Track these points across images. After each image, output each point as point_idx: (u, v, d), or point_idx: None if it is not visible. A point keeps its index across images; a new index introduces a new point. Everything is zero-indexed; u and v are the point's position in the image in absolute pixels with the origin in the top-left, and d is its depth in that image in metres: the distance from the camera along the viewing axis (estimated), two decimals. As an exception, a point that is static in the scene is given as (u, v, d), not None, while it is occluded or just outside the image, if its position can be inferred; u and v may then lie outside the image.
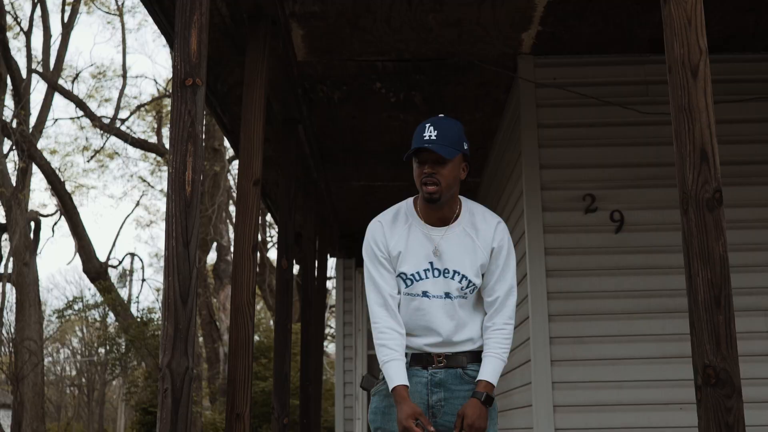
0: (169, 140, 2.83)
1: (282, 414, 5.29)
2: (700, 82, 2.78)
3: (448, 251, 2.97)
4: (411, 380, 2.95)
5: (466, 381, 2.98)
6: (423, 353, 2.99)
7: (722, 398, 2.56)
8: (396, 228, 3.03)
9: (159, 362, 2.85)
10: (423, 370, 2.98)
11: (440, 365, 2.97)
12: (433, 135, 2.89)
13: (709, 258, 2.66)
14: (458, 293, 2.98)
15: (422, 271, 2.98)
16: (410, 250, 2.99)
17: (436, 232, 2.99)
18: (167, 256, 2.76)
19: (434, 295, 2.97)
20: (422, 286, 2.98)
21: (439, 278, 2.97)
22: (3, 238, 24.82)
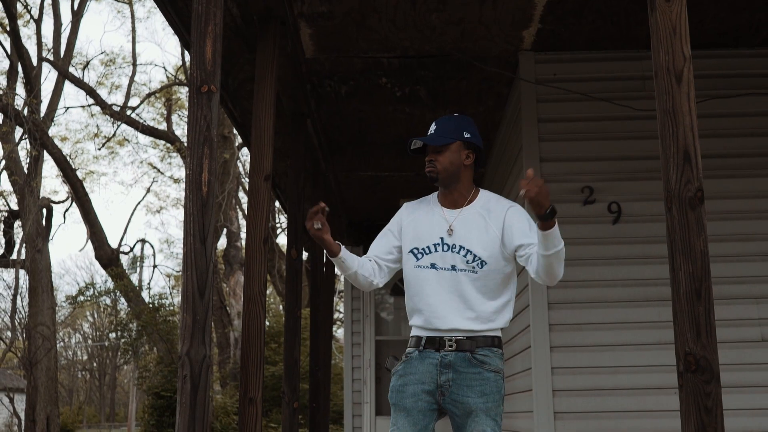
0: (186, 144, 3.03)
1: (292, 398, 5.50)
2: (683, 87, 2.95)
3: (459, 229, 3.28)
4: (424, 361, 3.22)
5: (474, 364, 3.18)
6: (436, 337, 3.23)
7: (702, 384, 2.76)
8: (417, 210, 3.44)
9: (178, 350, 3.07)
10: (435, 353, 3.22)
11: (450, 348, 3.20)
12: (432, 131, 3.38)
13: (691, 253, 2.84)
14: (464, 266, 3.23)
15: (432, 245, 3.29)
16: (425, 228, 3.33)
17: (450, 213, 3.33)
18: (186, 252, 2.96)
19: (441, 267, 3.25)
20: (431, 259, 3.27)
21: (447, 252, 3.26)
22: (16, 224, 25.11)
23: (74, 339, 61.48)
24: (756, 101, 5.38)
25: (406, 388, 3.26)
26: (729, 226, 5.29)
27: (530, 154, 5.41)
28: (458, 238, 3.26)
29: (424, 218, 3.36)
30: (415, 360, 3.27)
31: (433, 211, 3.37)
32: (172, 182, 41.16)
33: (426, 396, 3.21)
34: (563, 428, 5.03)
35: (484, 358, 3.20)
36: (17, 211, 23.58)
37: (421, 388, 3.22)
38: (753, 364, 5.10)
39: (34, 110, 20.91)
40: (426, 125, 6.62)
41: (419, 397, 3.22)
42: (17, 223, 25.18)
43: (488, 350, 3.22)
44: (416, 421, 3.22)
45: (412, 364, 3.27)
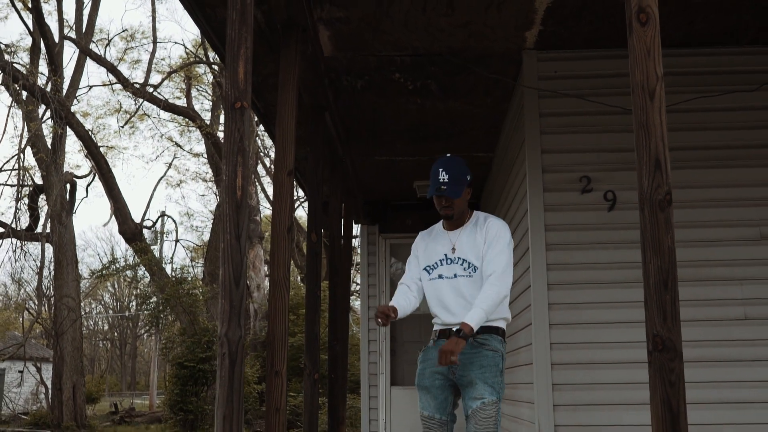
0: (223, 153, 3.49)
1: (313, 370, 5.99)
2: (656, 103, 3.38)
3: (459, 245, 4.20)
4: (436, 348, 4.07)
5: (475, 346, 4.02)
6: (446, 328, 4.11)
7: (667, 361, 3.21)
8: (428, 237, 4.41)
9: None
10: (445, 341, 3.98)
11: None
12: (445, 178, 4.13)
13: (660, 248, 3.27)
14: (463, 273, 4.14)
15: (438, 261, 4.24)
16: (433, 249, 4.29)
17: (453, 234, 4.26)
18: (223, 248, 3.43)
19: (446, 276, 4.18)
20: (438, 271, 4.22)
21: (450, 265, 4.19)
22: (40, 199, 25.69)
23: (95, 309, 62.43)
24: (740, 97, 5.77)
25: (425, 372, 4.19)
26: (716, 213, 5.70)
27: (532, 146, 5.83)
28: (459, 252, 4.17)
29: (433, 243, 4.32)
30: (430, 349, 4.20)
31: (439, 235, 4.33)
32: (191, 156, 41.74)
33: (440, 376, 4.11)
34: (560, 398, 5.50)
35: (484, 340, 4.04)
36: (41, 186, 24.15)
37: (435, 370, 4.12)
38: (737, 340, 5.54)
39: (58, 89, 21.38)
40: (436, 115, 7.13)
41: (435, 377, 4.13)
42: (41, 198, 25.78)
43: (488, 335, 4.05)
44: (435, 396, 4.14)
45: (429, 353, 4.20)
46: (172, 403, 17.76)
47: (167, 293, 18.56)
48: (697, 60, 5.91)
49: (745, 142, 5.78)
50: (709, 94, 5.77)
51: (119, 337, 66.93)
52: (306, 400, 6.07)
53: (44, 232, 24.27)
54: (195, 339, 17.75)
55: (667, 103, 5.58)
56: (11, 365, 27.04)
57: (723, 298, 5.59)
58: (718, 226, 5.67)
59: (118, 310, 63.96)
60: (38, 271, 26.43)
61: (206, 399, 17.69)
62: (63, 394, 24.78)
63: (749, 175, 5.73)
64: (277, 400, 4.53)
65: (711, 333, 5.57)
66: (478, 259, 4.11)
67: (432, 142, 8.08)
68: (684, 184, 5.69)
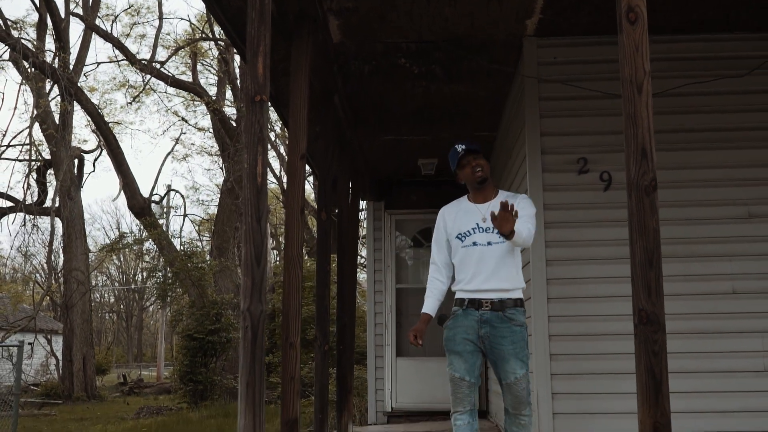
0: (244, 143, 3.80)
1: (323, 342, 6.32)
2: (643, 96, 3.67)
3: (490, 214, 4.37)
4: (467, 317, 4.45)
5: (505, 320, 4.39)
6: (476, 299, 4.44)
7: (651, 333, 3.52)
8: (454, 209, 4.71)
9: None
10: (476, 311, 4.43)
11: (487, 308, 4.42)
12: (463, 145, 4.63)
13: (645, 231, 3.58)
14: (498, 239, 4.45)
15: (471, 229, 4.56)
16: (464, 219, 4.60)
17: (482, 206, 4.61)
18: (245, 230, 3.74)
19: (480, 243, 4.50)
20: (472, 239, 4.53)
21: (483, 233, 4.52)
22: (48, 173, 26.01)
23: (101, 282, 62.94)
24: (731, 81, 6.05)
25: (456, 337, 4.46)
26: (707, 192, 6.00)
27: (532, 129, 6.11)
28: (489, 222, 4.48)
29: (462, 213, 4.64)
30: (460, 316, 4.49)
31: (468, 207, 4.66)
32: (195, 130, 41.98)
33: (470, 342, 4.43)
34: (558, 368, 5.84)
35: (512, 315, 4.42)
36: (50, 161, 24.45)
37: (467, 337, 4.43)
38: (724, 313, 5.86)
39: (66, 65, 21.62)
40: (440, 98, 7.41)
41: (466, 344, 4.43)
42: (50, 172, 26.11)
43: (515, 309, 4.45)
44: (466, 360, 4.42)
45: (458, 320, 4.49)
46: (182, 374, 18.14)
47: (176, 267, 18.88)
48: (691, 46, 6.18)
49: (736, 125, 6.07)
50: (704, 80, 6.03)
51: (125, 309, 67.55)
52: (317, 370, 6.40)
53: (53, 206, 24.59)
54: (204, 311, 18.10)
55: (663, 87, 5.92)
56: (21, 337, 27.45)
57: (713, 273, 5.91)
58: (708, 205, 5.98)
59: (124, 283, 64.51)
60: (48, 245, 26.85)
61: (215, 370, 18.08)
62: (73, 366, 25.26)
63: (739, 157, 6.02)
64: (291, 370, 4.86)
65: (701, 306, 5.89)
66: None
67: (436, 123, 8.37)
68: (677, 165, 5.99)
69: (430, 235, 10.79)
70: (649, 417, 3.45)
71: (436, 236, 4.77)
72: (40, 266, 51.40)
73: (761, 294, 5.85)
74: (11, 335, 25.08)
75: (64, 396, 24.62)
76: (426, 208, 10.86)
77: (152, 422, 13.73)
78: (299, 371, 4.89)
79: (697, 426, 5.67)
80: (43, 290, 28.67)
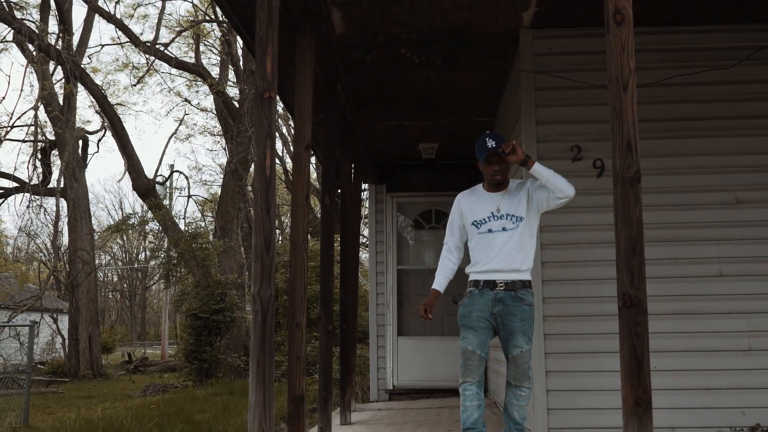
0: (254, 138, 4.05)
1: (327, 322, 6.58)
2: (629, 93, 3.90)
3: (503, 205, 4.94)
4: (483, 296, 4.86)
5: (517, 300, 4.84)
6: (491, 280, 4.86)
7: (633, 315, 3.79)
8: (471, 197, 5.09)
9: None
10: (490, 291, 4.85)
11: (501, 288, 4.83)
12: (493, 143, 4.88)
13: (629, 220, 3.83)
14: (512, 225, 4.89)
15: (486, 217, 4.95)
16: (480, 208, 4.99)
17: (496, 196, 5.00)
18: (255, 220, 4.00)
19: (495, 230, 4.91)
20: (488, 226, 4.94)
21: (498, 220, 4.92)
22: (53, 153, 26.24)
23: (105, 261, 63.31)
24: (719, 71, 6.27)
25: (471, 314, 4.86)
26: (696, 179, 6.24)
27: (528, 118, 6.35)
28: (504, 209, 4.93)
29: (477, 201, 5.03)
30: (476, 295, 4.89)
31: (483, 196, 5.04)
32: (198, 110, 42.14)
33: (484, 320, 4.83)
34: (551, 347, 6.10)
35: (523, 296, 4.86)
36: (53, 141, 24.68)
37: (481, 315, 4.84)
38: (711, 294, 6.12)
39: (69, 47, 21.78)
40: (440, 86, 7.64)
41: (480, 321, 4.83)
42: (54, 153, 26.35)
43: (525, 290, 4.88)
44: (479, 335, 4.81)
45: (474, 298, 4.89)
46: (187, 352, 18.46)
47: (181, 248, 19.15)
48: (681, 38, 6.40)
49: (724, 114, 6.30)
50: (694, 71, 6.26)
51: (129, 288, 67.98)
52: (321, 349, 6.66)
53: (59, 187, 24.85)
54: (208, 291, 18.40)
55: (654, 78, 6.15)
56: (26, 317, 27.80)
57: (700, 257, 6.16)
58: (697, 191, 6.22)
59: (127, 262, 64.89)
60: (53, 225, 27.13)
61: (220, 348, 18.40)
62: (79, 345, 25.61)
63: (726, 145, 6.26)
64: (298, 349, 5.13)
65: (689, 288, 6.15)
66: (522, 212, 4.91)
67: (436, 109, 8.60)
68: (667, 153, 6.23)
69: (430, 218, 11.14)
70: (632, 394, 3.72)
71: (451, 221, 5.18)
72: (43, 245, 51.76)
73: (747, 276, 6.11)
74: (18, 314, 25.42)
75: (70, 374, 24.99)
76: (427, 191, 11.11)
77: (159, 399, 14.05)
78: (305, 350, 5.16)
79: (683, 402, 5.95)
80: (50, 270, 28.97)
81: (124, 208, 65.56)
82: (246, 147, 20.95)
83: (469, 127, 9.26)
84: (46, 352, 32.85)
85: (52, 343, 33.27)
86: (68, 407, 14.88)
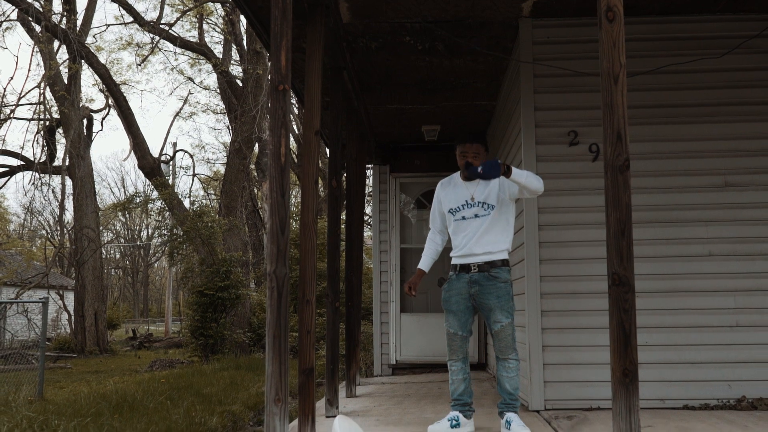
0: (269, 128, 4.33)
1: (334, 299, 6.89)
2: (619, 86, 4.18)
3: (477, 194, 5.36)
4: (459, 280, 5.32)
5: (491, 279, 5.24)
6: (466, 264, 5.30)
7: (622, 293, 4.08)
8: (448, 186, 5.56)
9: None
10: (466, 274, 5.31)
11: (475, 271, 5.27)
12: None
13: (618, 204, 4.11)
14: (484, 212, 5.31)
15: (461, 205, 5.41)
16: (455, 196, 5.45)
17: (470, 185, 5.43)
18: (271, 204, 4.29)
19: (468, 217, 5.37)
20: (462, 213, 5.40)
21: (471, 208, 5.36)
22: (58, 131, 26.49)
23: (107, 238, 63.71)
24: (710, 59, 6.54)
25: (450, 299, 5.36)
26: (687, 163, 6.53)
27: (527, 104, 6.62)
28: (478, 197, 5.35)
29: (453, 190, 5.49)
30: (454, 280, 5.36)
31: (458, 185, 5.49)
32: (201, 89, 42.30)
33: (463, 301, 5.31)
34: (548, 323, 6.41)
35: (497, 274, 5.26)
36: (58, 120, 24.93)
37: (460, 298, 5.32)
38: (701, 273, 6.42)
39: (74, 27, 21.96)
40: (443, 71, 7.93)
41: (459, 303, 5.32)
42: (59, 131, 26.59)
43: (499, 269, 5.27)
44: (459, 318, 5.33)
45: (452, 283, 5.37)
46: (193, 328, 18.82)
47: (187, 226, 19.44)
48: (675, 27, 6.66)
49: (715, 101, 6.58)
50: (686, 59, 6.52)
51: (131, 265, 68.40)
52: (328, 326, 6.97)
53: (64, 165, 25.11)
54: (213, 269, 18.72)
55: (648, 66, 6.42)
56: (32, 294, 28.16)
57: (691, 237, 6.46)
58: (688, 174, 6.51)
59: (130, 239, 65.24)
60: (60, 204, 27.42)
61: (225, 325, 18.77)
62: (85, 321, 26.01)
63: (717, 130, 6.54)
64: (308, 324, 5.43)
65: (679, 267, 6.45)
66: (493, 200, 5.31)
67: (439, 93, 8.87)
68: (660, 138, 6.52)
69: (432, 197, 11.37)
70: (620, 365, 4.03)
71: (433, 207, 5.71)
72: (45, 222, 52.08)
73: (734, 256, 6.42)
74: (25, 292, 25.78)
75: (77, 350, 25.39)
76: (429, 172, 11.39)
77: (168, 374, 14.41)
78: (315, 325, 5.47)
79: (673, 375, 6.27)
80: (55, 248, 29.28)
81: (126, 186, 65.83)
82: (250, 126, 21.18)
83: (470, 110, 9.54)
84: (52, 329, 33.26)
85: (57, 320, 33.69)
86: (78, 382, 15.25)
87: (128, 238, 65.79)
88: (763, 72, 6.60)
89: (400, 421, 6.05)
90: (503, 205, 5.35)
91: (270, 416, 4.13)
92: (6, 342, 22.40)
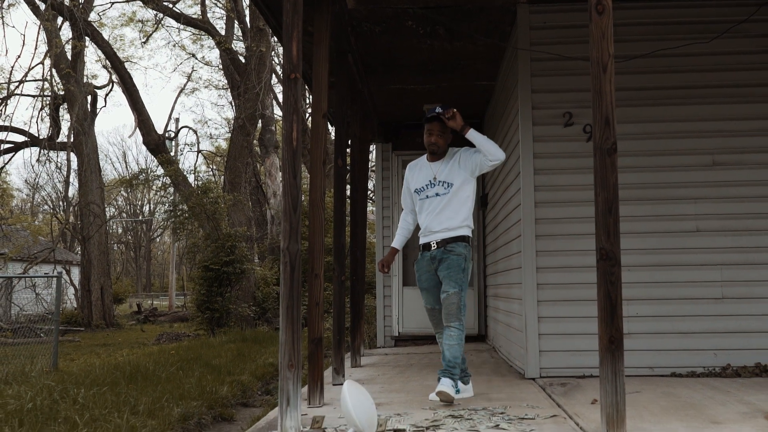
0: (282, 114, 4.64)
1: (341, 274, 7.22)
2: (608, 75, 4.48)
3: (439, 173, 5.76)
4: (423, 259, 5.75)
5: (447, 252, 5.61)
6: (427, 242, 5.72)
7: (609, 267, 4.41)
8: (415, 168, 5.98)
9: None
10: (427, 252, 5.73)
11: (434, 248, 5.66)
12: (439, 110, 5.61)
13: (606, 185, 4.43)
14: (444, 191, 5.69)
15: (425, 185, 5.82)
16: (421, 177, 5.86)
17: (434, 165, 5.83)
18: (284, 185, 4.61)
19: (430, 195, 5.76)
20: (426, 193, 5.79)
21: (434, 187, 5.75)
22: (63, 107, 26.73)
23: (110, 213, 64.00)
24: (697, 44, 6.84)
25: (421, 277, 5.84)
26: (676, 143, 6.84)
27: (524, 86, 6.92)
28: (440, 176, 5.72)
29: (419, 171, 5.90)
30: (419, 259, 5.80)
31: (424, 166, 5.89)
32: (203, 64, 42.45)
33: (432, 277, 5.76)
34: (543, 296, 6.75)
35: (452, 248, 5.62)
36: (63, 96, 25.17)
37: (427, 275, 5.78)
38: (689, 248, 6.76)
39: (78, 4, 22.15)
40: (444, 53, 8.24)
41: (429, 280, 5.78)
42: (63, 107, 26.84)
43: (455, 244, 5.62)
44: (431, 293, 5.81)
45: (419, 263, 5.81)
46: (199, 302, 19.17)
47: (192, 202, 19.75)
48: (665, 12, 6.95)
49: (703, 83, 6.89)
50: (679, 44, 6.81)
51: (134, 240, 68.79)
52: (335, 299, 7.31)
53: (70, 141, 25.38)
54: (219, 244, 19.04)
55: (638, 50, 6.70)
56: (38, 269, 28.53)
57: (679, 214, 6.79)
58: (677, 154, 6.83)
59: (132, 214, 65.59)
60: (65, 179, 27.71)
61: (230, 299, 19.12)
62: (92, 295, 26.38)
63: (705, 111, 6.85)
64: (316, 296, 5.78)
65: (668, 242, 6.78)
66: (454, 179, 5.67)
67: (439, 74, 9.16)
68: (650, 119, 6.82)
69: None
70: (606, 333, 4.37)
71: (404, 188, 6.09)
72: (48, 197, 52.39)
73: (721, 232, 6.75)
74: (32, 267, 26.14)
75: (83, 324, 25.78)
76: (430, 149, 11.67)
77: (176, 347, 14.79)
78: (323, 297, 5.81)
79: (661, 345, 6.63)
80: (62, 223, 29.61)
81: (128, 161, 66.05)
82: (254, 103, 21.42)
83: (470, 90, 9.83)
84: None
85: (63, 294, 34.10)
86: (87, 354, 15.65)
87: (130, 213, 66.11)
88: (751, 56, 6.89)
89: (403, 388, 6.40)
90: (464, 182, 5.67)
91: (284, 380, 4.47)
92: (13, 316, 22.78)
